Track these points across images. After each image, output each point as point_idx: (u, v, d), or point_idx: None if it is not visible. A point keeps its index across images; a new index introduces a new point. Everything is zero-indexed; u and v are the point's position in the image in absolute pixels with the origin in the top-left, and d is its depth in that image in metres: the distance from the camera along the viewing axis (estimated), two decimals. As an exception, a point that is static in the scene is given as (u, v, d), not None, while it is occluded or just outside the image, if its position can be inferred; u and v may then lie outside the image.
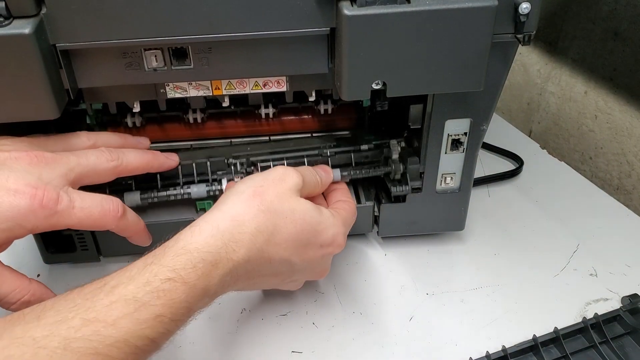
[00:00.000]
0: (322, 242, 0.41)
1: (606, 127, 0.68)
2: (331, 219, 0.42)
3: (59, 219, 0.37)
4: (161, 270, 0.33)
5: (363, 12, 0.35)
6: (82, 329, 0.30)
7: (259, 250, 0.37)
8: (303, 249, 0.40)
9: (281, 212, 0.39)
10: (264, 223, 0.38)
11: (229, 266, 0.36)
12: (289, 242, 0.39)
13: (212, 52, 0.39)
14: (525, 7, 0.38)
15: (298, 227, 0.39)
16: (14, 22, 0.34)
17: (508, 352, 0.43)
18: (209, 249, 0.35)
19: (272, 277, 0.41)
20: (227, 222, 0.37)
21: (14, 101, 0.37)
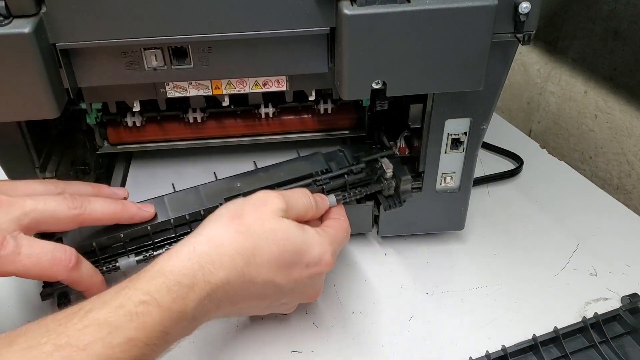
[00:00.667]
0: (307, 261, 0.39)
1: (606, 127, 0.68)
2: (316, 237, 0.40)
3: (2, 264, 0.36)
4: (135, 294, 0.32)
5: (363, 11, 0.35)
6: (54, 354, 0.29)
7: (240, 273, 0.36)
8: (287, 270, 0.39)
9: (261, 233, 0.38)
10: (243, 244, 0.37)
11: (207, 289, 0.35)
12: (271, 263, 0.38)
13: (212, 51, 0.39)
14: (525, 6, 0.38)
15: (280, 247, 0.38)
16: (13, 22, 0.34)
17: (508, 351, 0.43)
18: (185, 272, 0.34)
19: (259, 301, 0.40)
20: (205, 245, 0.36)
21: (14, 100, 0.37)
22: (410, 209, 0.51)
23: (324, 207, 0.45)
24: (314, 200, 0.43)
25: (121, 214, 0.42)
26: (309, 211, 0.43)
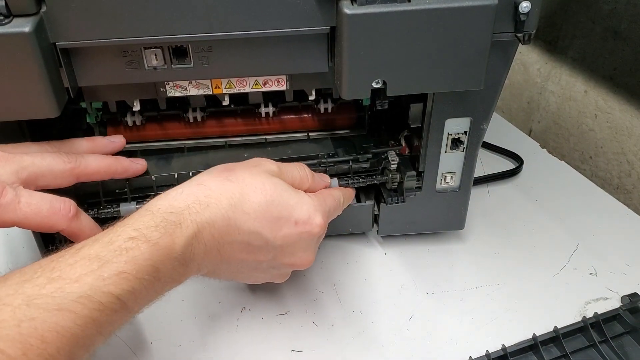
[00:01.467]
0: (296, 218, 0.40)
1: (606, 127, 0.68)
2: (306, 197, 0.41)
3: (3, 213, 0.36)
4: (124, 230, 0.33)
5: (363, 10, 0.35)
6: (46, 287, 0.30)
7: (225, 217, 0.37)
8: (275, 223, 0.39)
9: (250, 183, 0.38)
10: (230, 190, 0.38)
11: (193, 227, 0.35)
12: (258, 212, 0.38)
13: (212, 50, 0.39)
14: (526, 6, 0.38)
15: (268, 197, 0.38)
16: (14, 21, 0.34)
17: (508, 351, 0.43)
18: (172, 210, 0.35)
19: (247, 254, 0.39)
20: (193, 187, 0.37)
21: (14, 100, 0.37)
22: (410, 209, 0.51)
23: (321, 184, 0.45)
24: (310, 173, 0.44)
25: (115, 167, 0.43)
26: (304, 182, 0.43)
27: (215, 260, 0.38)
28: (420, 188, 0.50)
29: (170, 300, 0.48)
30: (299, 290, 0.50)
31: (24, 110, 0.37)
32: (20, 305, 0.28)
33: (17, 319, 0.28)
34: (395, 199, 0.49)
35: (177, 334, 0.46)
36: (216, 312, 0.48)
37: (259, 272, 0.42)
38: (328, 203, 0.43)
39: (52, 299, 0.29)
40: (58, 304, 0.29)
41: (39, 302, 0.29)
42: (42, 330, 0.28)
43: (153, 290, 0.34)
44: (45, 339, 0.28)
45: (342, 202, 0.46)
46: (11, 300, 0.29)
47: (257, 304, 0.49)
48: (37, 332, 0.28)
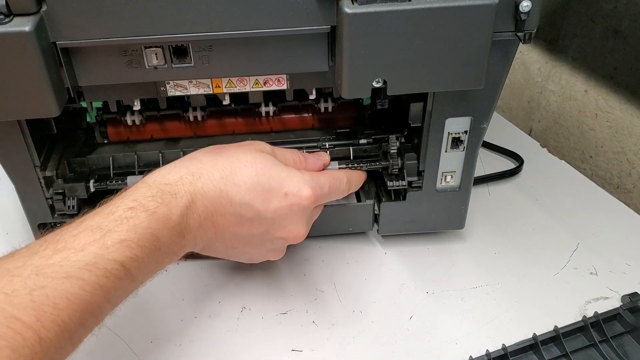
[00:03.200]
0: (286, 190, 0.41)
1: (606, 126, 0.68)
2: (297, 171, 0.42)
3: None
4: (123, 202, 0.35)
5: (363, 10, 0.35)
6: (53, 257, 0.31)
7: (217, 188, 0.38)
8: (266, 195, 0.40)
9: (241, 157, 0.40)
10: (222, 163, 0.39)
11: (187, 198, 0.37)
12: (248, 184, 0.39)
13: (213, 50, 0.39)
14: (526, 5, 0.38)
15: (258, 170, 0.40)
16: (14, 20, 0.34)
17: (508, 350, 0.43)
18: (167, 181, 0.37)
19: (240, 227, 0.40)
20: (185, 161, 0.39)
21: (15, 99, 0.37)
22: (410, 208, 0.51)
23: (317, 164, 0.46)
24: (303, 157, 0.46)
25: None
26: (297, 164, 0.45)
27: (210, 232, 0.39)
28: (420, 187, 0.50)
29: (170, 299, 0.49)
30: (299, 290, 0.50)
31: (24, 110, 0.38)
32: (30, 275, 0.30)
33: (28, 287, 0.29)
34: (397, 183, 0.49)
35: (178, 333, 0.46)
36: (216, 312, 0.48)
37: (253, 247, 0.43)
38: (321, 180, 0.43)
39: (60, 268, 0.30)
40: (66, 272, 0.30)
41: (47, 272, 0.30)
42: (53, 297, 0.29)
43: (154, 259, 0.35)
44: (57, 305, 0.29)
45: (345, 183, 0.46)
46: (20, 271, 0.30)
47: (257, 303, 0.49)
48: (49, 299, 0.29)
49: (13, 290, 0.29)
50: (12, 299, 0.28)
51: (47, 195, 0.47)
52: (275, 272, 0.52)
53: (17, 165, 0.45)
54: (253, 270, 0.51)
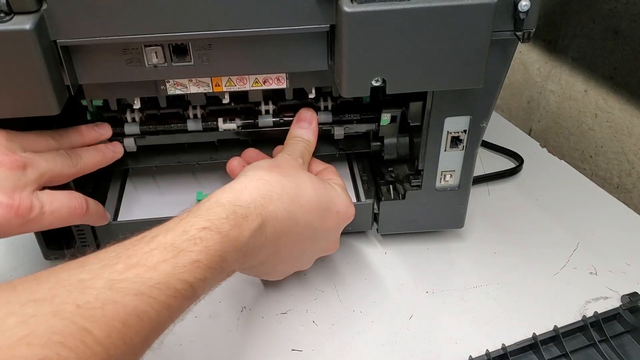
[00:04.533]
0: (338, 209, 0.43)
1: (606, 126, 0.68)
2: (338, 188, 0.44)
3: (31, 225, 0.39)
4: (197, 221, 0.35)
5: (362, 8, 0.35)
6: (125, 273, 0.31)
7: (286, 210, 0.39)
8: (323, 214, 0.42)
9: (300, 178, 0.41)
10: (288, 185, 0.40)
11: (259, 221, 0.37)
12: (312, 204, 0.41)
13: (213, 48, 0.39)
14: (525, 4, 0.38)
15: (317, 191, 0.41)
16: (14, 18, 0.34)
17: (508, 350, 0.43)
18: (240, 203, 0.37)
19: (298, 245, 0.42)
20: (255, 181, 0.39)
21: (15, 97, 0.37)
22: (410, 207, 0.51)
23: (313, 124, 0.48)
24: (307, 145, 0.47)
25: (103, 160, 0.47)
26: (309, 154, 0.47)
27: (268, 251, 0.40)
28: (419, 186, 0.50)
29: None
30: (300, 290, 0.50)
31: (24, 108, 0.38)
32: (102, 289, 0.29)
33: (100, 301, 0.29)
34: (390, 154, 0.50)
35: (178, 333, 0.45)
36: (216, 311, 0.48)
37: (297, 261, 0.45)
38: (342, 182, 0.46)
39: (132, 284, 0.30)
40: (137, 289, 0.30)
41: (119, 287, 0.30)
42: (124, 314, 0.29)
43: (218, 279, 0.36)
44: (126, 322, 0.29)
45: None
46: (93, 283, 0.30)
47: (257, 303, 0.49)
48: (120, 315, 0.29)
49: (86, 303, 0.28)
50: (84, 312, 0.28)
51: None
52: (275, 271, 0.52)
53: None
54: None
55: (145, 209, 0.52)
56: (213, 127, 0.49)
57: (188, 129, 0.49)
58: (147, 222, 0.49)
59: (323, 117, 0.50)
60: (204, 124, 0.49)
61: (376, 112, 0.50)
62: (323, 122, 0.51)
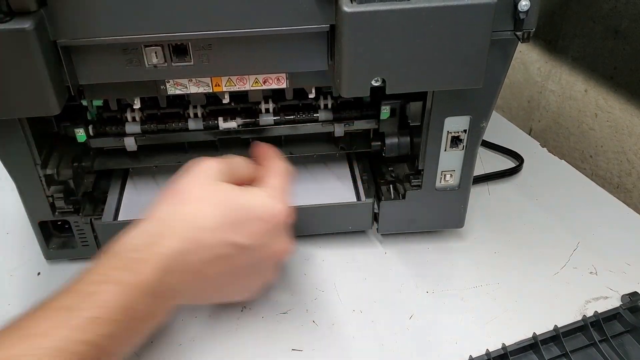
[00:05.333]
0: (258, 214, 0.40)
1: (606, 126, 0.68)
2: (258, 191, 0.41)
3: None
4: (90, 276, 0.34)
5: (362, 9, 0.35)
6: (17, 346, 0.30)
7: (187, 239, 0.37)
8: (239, 226, 0.39)
9: (200, 197, 0.39)
10: (182, 213, 0.38)
11: (159, 260, 0.36)
12: (217, 223, 0.38)
13: (212, 48, 0.39)
14: (525, 4, 0.38)
15: (220, 206, 0.39)
16: (15, 19, 0.34)
17: (508, 350, 0.43)
18: (134, 248, 0.36)
19: (224, 266, 0.39)
20: (149, 222, 0.38)
21: (15, 97, 0.37)
22: (410, 207, 0.51)
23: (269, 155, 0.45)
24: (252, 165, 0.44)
25: None
26: (252, 170, 0.44)
27: (195, 283, 0.38)
28: (420, 186, 0.50)
29: (170, 298, 0.49)
30: (300, 290, 0.50)
31: (24, 108, 0.38)
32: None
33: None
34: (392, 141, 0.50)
35: (178, 333, 0.46)
36: (216, 311, 0.48)
37: (246, 277, 0.42)
38: (278, 184, 0.43)
39: (32, 358, 0.29)
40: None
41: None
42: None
43: (134, 329, 0.34)
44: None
45: (288, 168, 0.45)
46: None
47: (257, 303, 0.49)
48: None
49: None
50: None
51: (47, 193, 0.47)
52: (275, 271, 0.52)
53: (18, 163, 0.45)
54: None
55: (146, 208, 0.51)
56: (214, 126, 0.49)
57: (189, 128, 0.49)
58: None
59: (323, 115, 0.50)
60: (205, 123, 0.49)
61: (376, 110, 0.50)
62: (324, 121, 0.51)
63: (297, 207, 0.51)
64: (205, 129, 0.50)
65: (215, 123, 0.49)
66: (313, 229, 0.53)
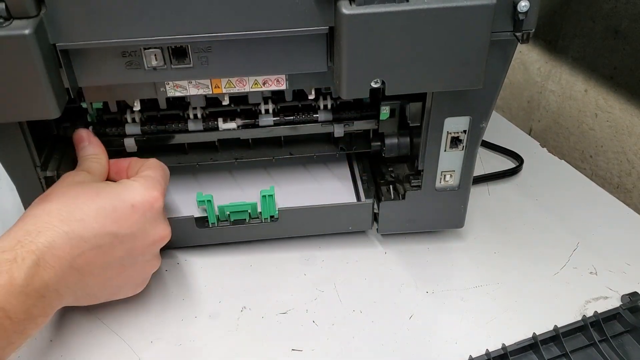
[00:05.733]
0: (132, 202, 0.41)
1: (606, 126, 0.68)
2: (129, 181, 0.43)
3: None
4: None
5: (361, 11, 0.35)
6: None
7: (62, 233, 0.37)
8: (114, 215, 0.40)
9: (71, 194, 0.40)
10: (55, 208, 0.38)
11: (32, 258, 0.35)
12: (92, 214, 0.39)
13: (212, 51, 0.39)
14: (524, 5, 0.38)
15: (94, 197, 0.40)
16: (14, 23, 0.34)
17: (508, 350, 0.43)
18: (5, 249, 0.36)
19: (104, 257, 0.40)
20: (20, 222, 0.38)
21: (15, 101, 0.37)
22: (409, 207, 0.51)
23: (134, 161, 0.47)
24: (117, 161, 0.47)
25: None
26: (120, 171, 0.46)
27: (75, 279, 0.38)
28: (419, 187, 0.50)
29: (170, 299, 0.49)
30: (299, 289, 0.50)
31: (24, 112, 0.37)
32: None
33: None
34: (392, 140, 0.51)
35: (178, 333, 0.46)
36: (216, 311, 0.48)
37: (128, 268, 0.43)
38: (151, 174, 0.44)
39: None
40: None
41: None
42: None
43: (11, 330, 0.34)
44: None
45: (157, 160, 0.47)
46: None
47: (257, 303, 0.49)
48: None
49: None
50: None
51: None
52: (275, 271, 0.52)
53: (18, 166, 0.45)
54: (253, 270, 0.52)
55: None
56: (213, 127, 0.50)
57: (189, 129, 0.49)
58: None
59: (323, 116, 0.51)
60: (205, 124, 0.49)
61: (376, 110, 0.50)
62: (323, 121, 0.51)
63: (297, 207, 0.51)
64: (205, 130, 0.50)
65: (215, 124, 0.49)
66: (313, 230, 0.53)
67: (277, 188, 0.51)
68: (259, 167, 0.56)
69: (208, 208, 0.49)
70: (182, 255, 0.53)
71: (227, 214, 0.50)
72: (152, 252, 0.44)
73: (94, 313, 0.47)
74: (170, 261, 0.52)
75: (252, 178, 0.55)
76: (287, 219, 0.51)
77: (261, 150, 0.53)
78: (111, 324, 0.47)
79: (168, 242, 0.45)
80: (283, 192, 0.53)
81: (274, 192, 0.50)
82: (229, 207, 0.50)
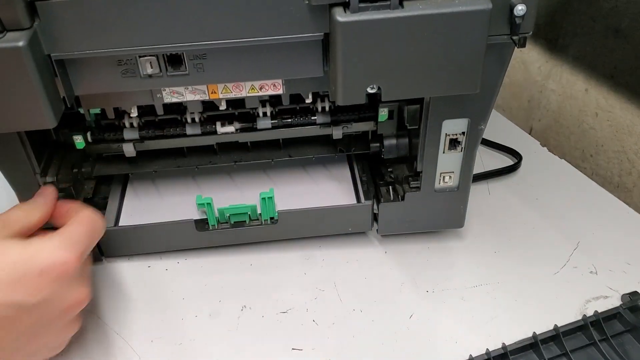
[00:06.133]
0: (40, 268, 0.36)
1: (607, 125, 0.68)
2: (39, 242, 0.38)
3: None
4: None
5: (356, 18, 0.35)
6: None
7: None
8: (19, 284, 0.36)
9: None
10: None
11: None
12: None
13: (207, 58, 0.39)
14: (521, 8, 0.37)
15: (4, 262, 0.36)
16: (7, 35, 0.34)
17: (508, 349, 0.43)
18: None
19: (10, 327, 0.36)
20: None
21: (11, 112, 0.36)
22: (409, 208, 0.51)
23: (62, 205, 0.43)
24: (45, 206, 0.43)
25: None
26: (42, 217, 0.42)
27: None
28: (419, 188, 0.50)
29: (170, 298, 0.49)
30: (300, 289, 0.50)
31: (21, 122, 0.37)
32: None
33: None
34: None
35: (178, 332, 0.47)
36: (217, 311, 0.48)
37: (43, 335, 0.39)
38: (72, 230, 0.40)
39: None
40: None
41: None
42: None
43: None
44: None
45: (94, 214, 0.42)
46: None
47: (257, 302, 0.49)
48: None
49: None
50: None
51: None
52: (275, 271, 0.52)
53: (17, 173, 0.45)
54: (253, 270, 0.52)
55: (146, 213, 0.52)
56: (211, 131, 0.50)
57: (187, 134, 0.50)
58: (148, 227, 0.50)
59: (321, 118, 0.51)
60: (203, 128, 0.50)
61: (374, 112, 0.50)
62: (321, 124, 0.51)
63: (297, 209, 0.51)
64: (203, 134, 0.50)
65: (213, 128, 0.50)
66: (313, 231, 0.53)
67: (276, 190, 0.51)
68: (258, 169, 0.56)
69: (208, 211, 0.50)
70: (182, 255, 0.53)
71: (227, 217, 0.51)
72: (69, 316, 0.40)
73: (94, 312, 0.48)
74: (170, 260, 0.53)
75: (252, 180, 0.56)
76: (287, 220, 0.51)
77: (260, 153, 0.54)
78: (111, 323, 0.47)
79: (167, 246, 0.45)
80: (282, 194, 0.53)
81: (273, 194, 0.50)
82: (228, 209, 0.50)
